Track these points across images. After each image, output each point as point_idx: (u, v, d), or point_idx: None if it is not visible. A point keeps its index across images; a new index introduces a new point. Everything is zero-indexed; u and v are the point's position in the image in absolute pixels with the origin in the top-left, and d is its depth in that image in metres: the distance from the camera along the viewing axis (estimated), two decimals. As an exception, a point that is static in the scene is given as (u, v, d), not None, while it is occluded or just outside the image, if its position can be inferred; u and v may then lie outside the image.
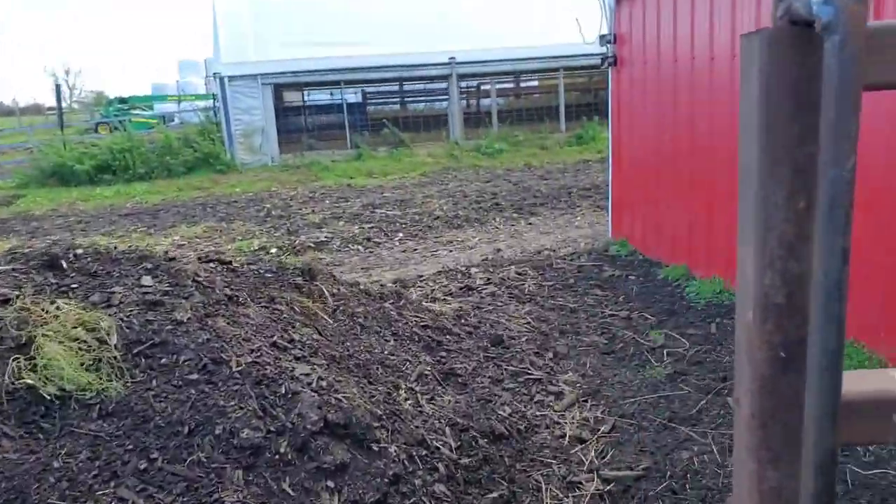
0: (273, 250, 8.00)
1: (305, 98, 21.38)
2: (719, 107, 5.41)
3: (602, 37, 7.36)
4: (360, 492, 2.67)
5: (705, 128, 5.65)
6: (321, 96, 21.74)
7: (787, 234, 0.43)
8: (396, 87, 21.84)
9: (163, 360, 2.81)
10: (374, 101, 22.14)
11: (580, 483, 3.20)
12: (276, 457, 2.55)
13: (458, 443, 3.34)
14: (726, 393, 3.92)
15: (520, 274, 6.63)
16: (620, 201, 7.42)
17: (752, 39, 0.47)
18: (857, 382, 0.46)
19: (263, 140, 16.43)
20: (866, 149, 4.12)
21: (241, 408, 2.59)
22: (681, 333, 4.88)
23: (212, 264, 3.61)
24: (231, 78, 16.18)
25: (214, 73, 16.93)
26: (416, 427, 3.27)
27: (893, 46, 0.46)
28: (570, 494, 3.12)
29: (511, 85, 22.10)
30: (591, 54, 8.66)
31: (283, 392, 2.78)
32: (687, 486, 3.11)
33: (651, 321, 5.19)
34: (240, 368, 2.75)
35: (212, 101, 20.41)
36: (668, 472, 3.22)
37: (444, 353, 4.37)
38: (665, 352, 4.58)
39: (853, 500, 2.88)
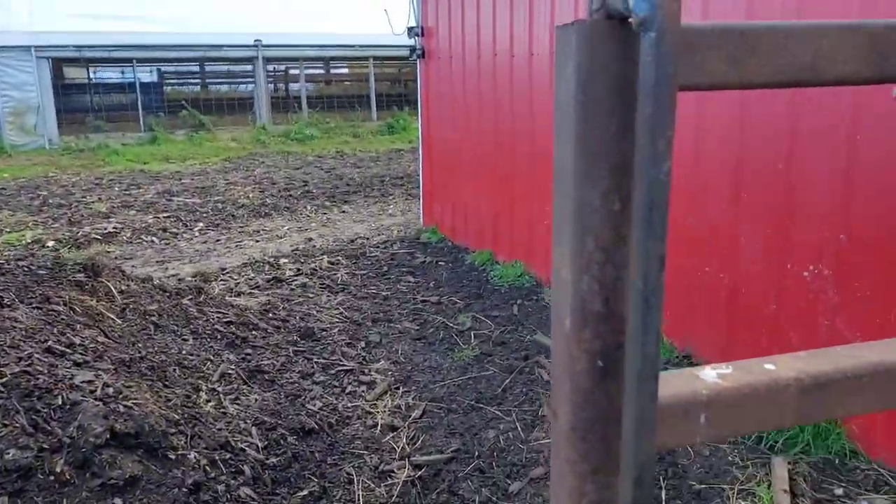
0: (50, 243, 7.09)
1: (91, 75, 19.27)
2: (519, 104, 5.71)
3: (410, 29, 7.44)
4: (155, 506, 2.45)
5: (507, 122, 5.94)
6: (110, 74, 19.72)
7: (603, 237, 0.42)
8: (197, 68, 20.46)
9: None
10: (171, 81, 20.55)
11: (392, 471, 3.22)
12: (51, 477, 2.25)
13: (266, 442, 3.20)
14: (528, 371, 4.16)
15: (332, 264, 6.53)
16: (431, 190, 7.59)
17: (568, 32, 0.44)
18: (666, 386, 0.46)
19: (39, 120, 14.55)
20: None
21: (6, 425, 2.24)
22: (486, 316, 5.10)
23: (-35, 261, 3.10)
24: (-4, 48, 14.13)
25: (-26, 42, 14.64)
26: (219, 430, 3.08)
27: (707, 48, 0.45)
28: (381, 484, 3.12)
29: (321, 71, 21.68)
30: (401, 45, 8.74)
31: (60, 403, 2.46)
32: (494, 463, 3.25)
33: (460, 305, 5.37)
34: (4, 380, 2.38)
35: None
36: (477, 452, 3.34)
37: (249, 350, 4.16)
38: (472, 334, 4.76)
39: None
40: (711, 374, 0.52)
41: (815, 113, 3.21)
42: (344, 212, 9.06)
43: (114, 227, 7.90)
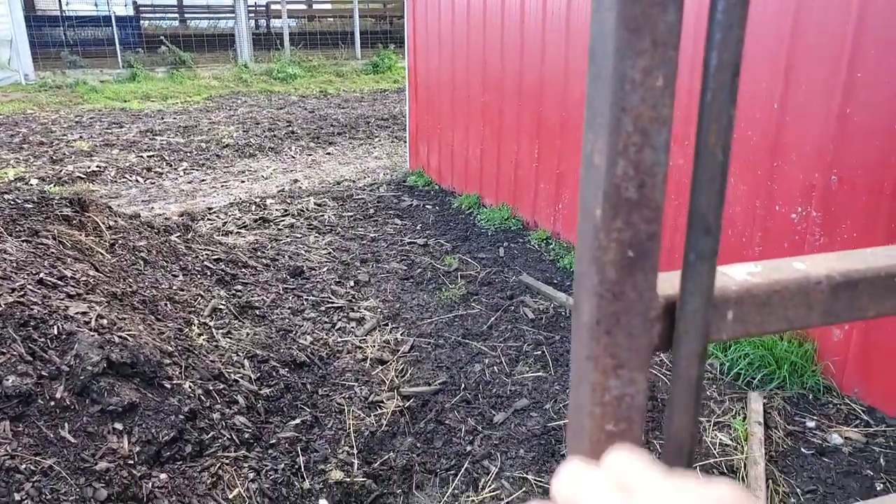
0: (34, 181, 7.00)
1: (64, 7, 18.59)
2: (508, 40, 5.64)
3: (397, -38, 7.24)
4: (154, 430, 2.53)
5: (496, 63, 5.88)
6: (83, 6, 19.07)
7: (643, 116, 0.39)
8: (174, 2, 19.83)
9: None
10: (148, 15, 19.93)
11: (381, 402, 3.32)
12: (52, 403, 2.31)
13: (258, 374, 3.28)
14: (513, 309, 4.25)
15: (319, 205, 6.53)
16: (417, 132, 7.54)
17: None
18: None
19: (13, 54, 14.09)
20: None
21: (3, 353, 2.28)
22: (473, 257, 5.17)
23: (-47, 193, 3.07)
24: (-37, -25, 13.54)
25: (-61, -32, 14.00)
26: (212, 362, 3.15)
27: None
28: (372, 413, 3.23)
29: (303, 6, 21.10)
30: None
31: (56, 333, 2.50)
32: (479, 395, 3.37)
33: (447, 247, 5.43)
34: (-1, 310, 2.41)
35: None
36: (463, 385, 3.45)
37: (239, 287, 4.21)
38: (459, 275, 4.84)
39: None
40: (741, 272, 0.51)
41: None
42: (329, 153, 8.99)
43: (97, 166, 7.80)
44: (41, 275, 2.78)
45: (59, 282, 2.83)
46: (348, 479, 2.76)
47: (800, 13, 3.26)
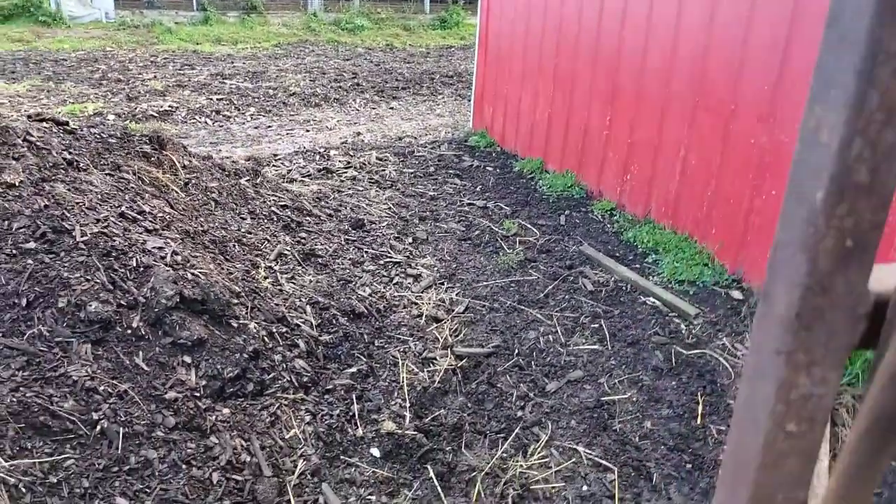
0: (111, 117, 7.22)
1: (143, -54, 18.81)
2: (588, 4, 5.48)
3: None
4: (219, 367, 2.63)
5: (573, 25, 5.72)
6: (162, -54, 19.23)
7: (891, 92, 0.34)
8: (250, -54, 19.82)
9: (-11, 227, 2.50)
10: (223, -42, 20.00)
11: (435, 359, 3.37)
12: (129, 331, 2.42)
13: (319, 320, 3.36)
14: (571, 279, 4.22)
15: (381, 159, 6.56)
16: (483, 92, 7.45)
17: None
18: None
19: (94, -9, 14.42)
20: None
21: (88, 280, 2.40)
22: (532, 223, 5.13)
23: (45, 124, 3.19)
24: (53, -89, 13.81)
25: None
26: (277, 305, 3.24)
27: None
28: (425, 369, 3.28)
29: (376, -42, 20.86)
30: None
31: (135, 265, 2.60)
32: (532, 362, 3.38)
33: (506, 211, 5.40)
34: (85, 238, 2.52)
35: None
36: (516, 350, 3.46)
37: (304, 234, 4.29)
38: (517, 240, 4.82)
39: (677, 376, 3.28)
40: None
41: None
42: (392, 108, 8.98)
43: (169, 106, 7.99)
44: (122, 208, 2.89)
45: (139, 216, 2.93)
46: (399, 431, 2.83)
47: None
